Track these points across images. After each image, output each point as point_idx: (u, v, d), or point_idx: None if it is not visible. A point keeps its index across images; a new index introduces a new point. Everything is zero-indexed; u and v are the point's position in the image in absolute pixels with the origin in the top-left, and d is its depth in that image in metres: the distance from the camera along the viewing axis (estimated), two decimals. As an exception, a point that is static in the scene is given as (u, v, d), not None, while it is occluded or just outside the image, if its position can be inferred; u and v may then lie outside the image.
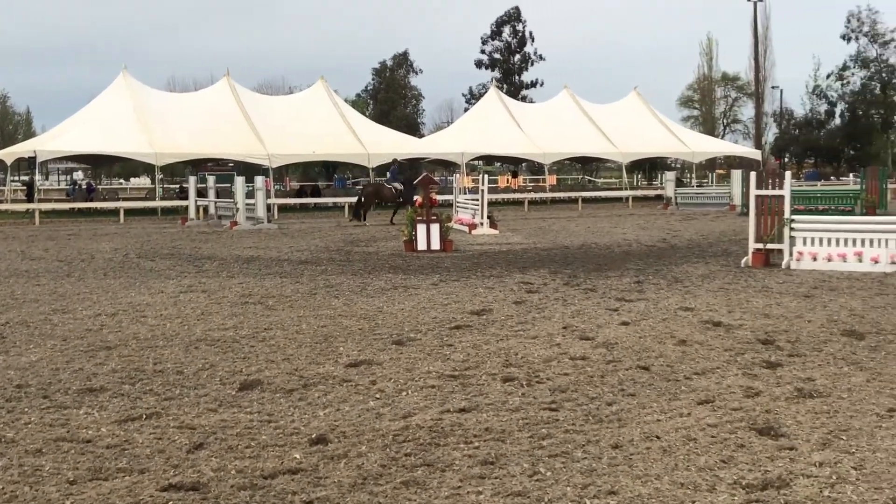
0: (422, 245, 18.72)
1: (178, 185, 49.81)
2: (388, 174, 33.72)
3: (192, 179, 34.25)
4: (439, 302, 11.47)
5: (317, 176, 60.64)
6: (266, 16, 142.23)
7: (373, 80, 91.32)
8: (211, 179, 33.29)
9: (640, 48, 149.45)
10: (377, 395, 6.78)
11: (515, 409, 6.30)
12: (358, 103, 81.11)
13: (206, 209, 32.13)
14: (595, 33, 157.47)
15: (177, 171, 56.28)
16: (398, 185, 30.13)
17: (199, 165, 45.09)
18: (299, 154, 42.20)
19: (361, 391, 6.93)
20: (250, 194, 28.86)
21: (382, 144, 42.71)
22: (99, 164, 53.61)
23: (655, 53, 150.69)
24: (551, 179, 51.72)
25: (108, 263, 17.10)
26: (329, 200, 41.88)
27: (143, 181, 69.43)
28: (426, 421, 6.06)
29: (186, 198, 33.80)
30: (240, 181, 28.75)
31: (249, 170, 37.42)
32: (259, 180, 29.29)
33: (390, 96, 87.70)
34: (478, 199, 25.56)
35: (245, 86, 46.84)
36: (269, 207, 30.60)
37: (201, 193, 33.03)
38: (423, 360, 7.99)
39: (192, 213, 31.71)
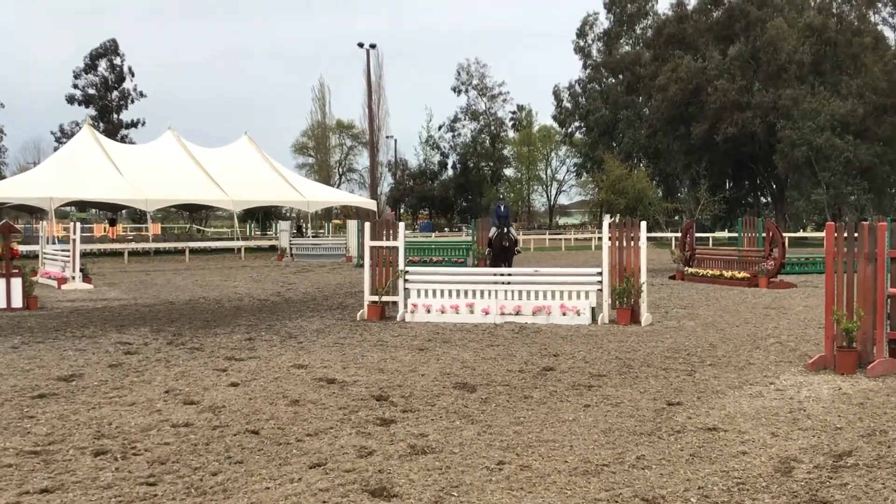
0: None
1: None
2: (494, 215, 30.62)
3: None
4: (20, 367, 10.71)
5: None
6: None
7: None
8: None
9: (251, 90, 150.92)
10: (-62, 481, 6.14)
11: (107, 486, 5.97)
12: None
13: None
14: (201, 71, 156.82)
15: None
16: (494, 228, 28.39)
17: None
18: None
19: (-83, 477, 6.23)
20: None
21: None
22: None
23: (268, 97, 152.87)
24: (155, 228, 50.50)
25: None
26: None
27: None
28: (-1, 507, 5.58)
29: None
30: None
31: None
32: None
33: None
34: (68, 250, 24.29)
35: None
36: None
37: None
38: (-2, 435, 7.37)
39: None
